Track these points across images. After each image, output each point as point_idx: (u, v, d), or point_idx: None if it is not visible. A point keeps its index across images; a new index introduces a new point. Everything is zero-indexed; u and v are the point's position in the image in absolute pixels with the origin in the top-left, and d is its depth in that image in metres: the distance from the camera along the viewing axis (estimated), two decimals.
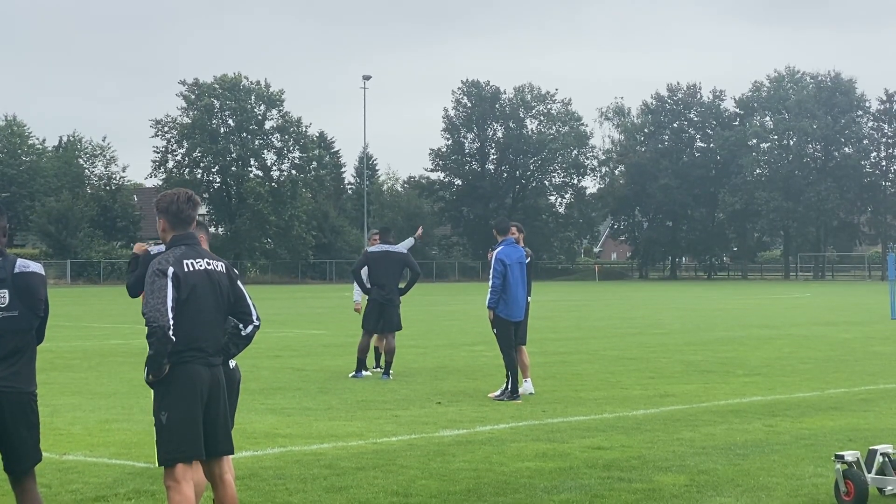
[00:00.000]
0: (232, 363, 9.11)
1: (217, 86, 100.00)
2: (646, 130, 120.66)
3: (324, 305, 49.19)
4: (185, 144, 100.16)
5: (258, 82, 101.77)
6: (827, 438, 12.32)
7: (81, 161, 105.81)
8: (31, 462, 6.94)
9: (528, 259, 16.57)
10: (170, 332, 7.07)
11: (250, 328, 7.63)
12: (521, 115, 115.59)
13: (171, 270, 7.21)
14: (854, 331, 30.63)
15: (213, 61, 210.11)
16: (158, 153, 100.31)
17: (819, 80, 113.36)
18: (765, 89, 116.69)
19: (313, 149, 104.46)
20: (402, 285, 19.32)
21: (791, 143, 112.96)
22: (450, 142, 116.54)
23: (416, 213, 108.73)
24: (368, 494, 9.46)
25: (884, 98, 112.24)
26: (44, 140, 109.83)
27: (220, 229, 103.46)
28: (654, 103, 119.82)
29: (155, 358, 7.12)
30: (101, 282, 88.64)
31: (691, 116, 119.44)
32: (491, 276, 16.13)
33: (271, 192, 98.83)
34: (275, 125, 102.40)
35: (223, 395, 7.50)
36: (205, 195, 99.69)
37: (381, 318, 18.85)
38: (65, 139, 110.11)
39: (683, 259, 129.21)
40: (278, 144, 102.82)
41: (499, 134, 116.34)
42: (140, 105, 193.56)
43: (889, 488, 9.28)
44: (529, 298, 16.76)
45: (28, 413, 6.85)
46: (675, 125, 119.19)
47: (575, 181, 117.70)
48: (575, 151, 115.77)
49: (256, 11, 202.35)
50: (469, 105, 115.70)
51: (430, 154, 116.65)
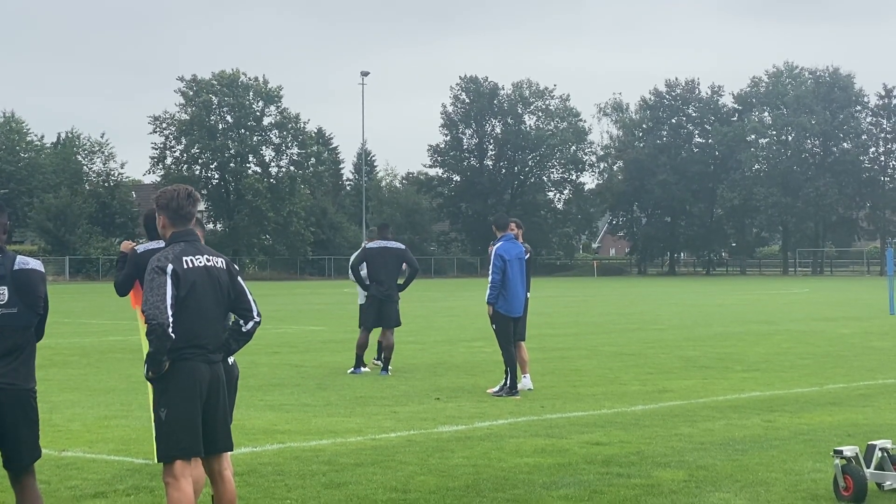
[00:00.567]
0: (230, 359, 9.11)
1: (215, 82, 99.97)
2: (644, 126, 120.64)
3: (322, 302, 49.18)
4: (184, 141, 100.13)
5: (256, 78, 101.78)
6: (826, 434, 12.33)
7: (80, 158, 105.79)
8: (31, 459, 6.93)
9: (528, 255, 16.57)
10: (169, 330, 7.06)
11: (251, 324, 7.62)
12: (520, 111, 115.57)
13: (171, 267, 7.21)
14: (853, 326, 30.64)
15: (212, 58, 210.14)
16: (157, 150, 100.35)
17: (817, 76, 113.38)
18: (763, 85, 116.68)
19: (312, 145, 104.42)
20: (401, 281, 19.31)
21: (789, 139, 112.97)
22: (448, 138, 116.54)
23: (415, 210, 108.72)
24: (367, 490, 9.46)
25: (882, 93, 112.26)
26: (42, 137, 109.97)
27: (219, 226, 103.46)
28: (653, 99, 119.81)
29: (154, 355, 7.12)
30: (100, 278, 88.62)
31: (690, 112, 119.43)
32: (490, 272, 16.13)
33: (270, 189, 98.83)
34: (273, 121, 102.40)
35: (223, 392, 7.50)
36: (203, 191, 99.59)
37: (380, 315, 18.84)
38: (63, 136, 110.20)
39: (682, 255, 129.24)
40: (277, 141, 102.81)
41: (497, 130, 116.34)
42: (138, 101, 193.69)
43: (888, 483, 9.28)
44: (529, 294, 16.76)
45: (27, 410, 6.85)
46: (674, 121, 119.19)
47: (573, 177, 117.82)
48: (573, 147, 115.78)
49: (255, 8, 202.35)
50: (467, 101, 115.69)
51: (429, 150, 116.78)
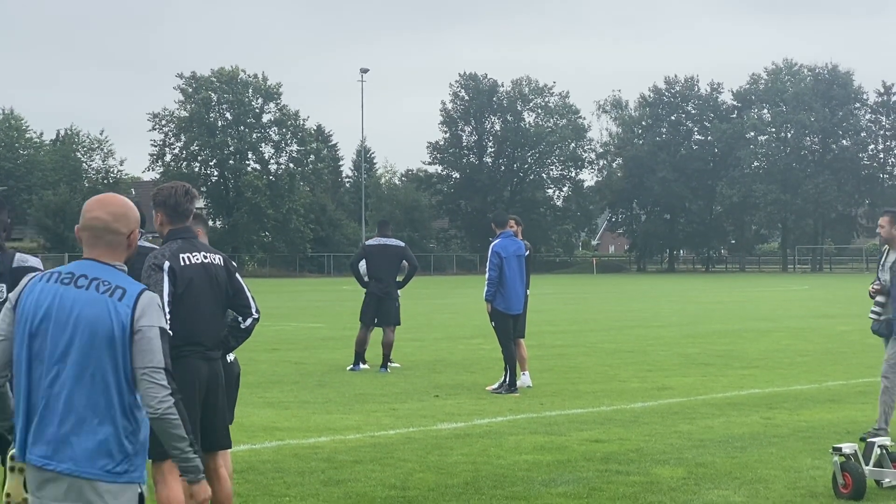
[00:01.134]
0: (231, 357, 9.11)
1: (214, 79, 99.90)
2: (643, 123, 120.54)
3: (322, 299, 49.19)
4: (183, 138, 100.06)
5: (255, 75, 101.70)
6: (825, 431, 12.34)
7: (79, 154, 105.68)
8: None
9: (527, 252, 16.58)
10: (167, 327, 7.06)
11: (249, 321, 7.63)
12: (519, 108, 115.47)
13: (167, 264, 7.21)
14: (852, 323, 30.61)
15: (211, 54, 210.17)
16: (156, 147, 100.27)
17: (816, 73, 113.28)
18: (762, 82, 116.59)
19: (311, 142, 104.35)
20: (400, 279, 19.31)
21: (789, 136, 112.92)
22: (447, 135, 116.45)
23: (414, 207, 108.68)
24: (366, 488, 9.46)
25: (881, 90, 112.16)
26: (41, 133, 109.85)
27: (218, 223, 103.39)
28: (652, 96, 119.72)
29: None
30: None
31: (689, 109, 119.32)
32: (488, 269, 16.15)
33: (269, 186, 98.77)
34: (272, 118, 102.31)
35: (221, 390, 7.49)
36: (202, 189, 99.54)
37: (379, 312, 18.85)
38: (62, 132, 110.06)
39: (681, 252, 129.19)
40: (276, 138, 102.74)
41: (496, 127, 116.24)
42: (137, 98, 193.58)
43: (887, 480, 9.29)
44: (528, 291, 16.76)
45: None
46: (673, 118, 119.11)
47: (573, 174, 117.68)
48: (573, 144, 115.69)
49: (254, 5, 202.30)
50: (467, 98, 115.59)
51: (428, 147, 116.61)
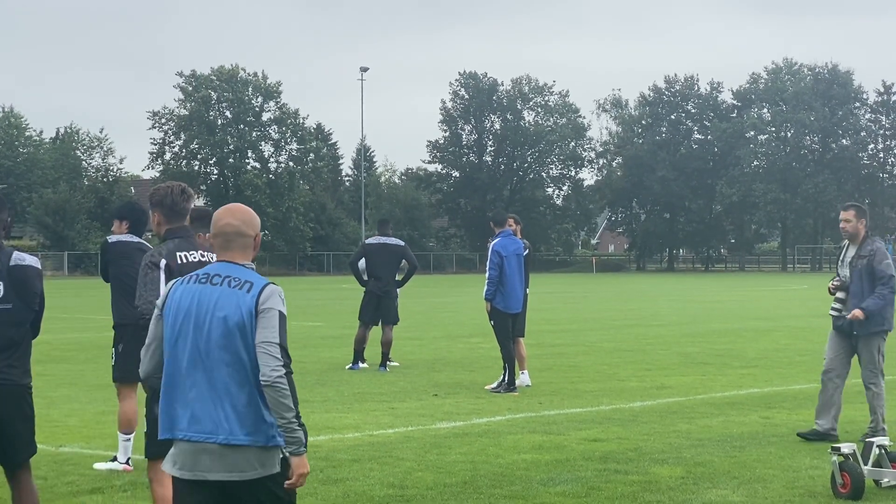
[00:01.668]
0: None
1: (214, 77, 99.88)
2: (643, 122, 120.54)
3: (321, 297, 49.18)
4: (183, 136, 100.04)
5: (255, 74, 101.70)
6: None
7: (79, 153, 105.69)
8: (26, 454, 6.93)
9: (527, 251, 16.57)
10: None
11: None
12: (519, 107, 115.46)
13: (164, 262, 7.21)
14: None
15: (211, 53, 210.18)
16: (156, 145, 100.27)
17: (816, 72, 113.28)
18: (762, 81, 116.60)
19: (311, 141, 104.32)
20: (400, 278, 19.29)
21: (788, 135, 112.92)
22: (447, 134, 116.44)
23: (414, 206, 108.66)
24: (364, 486, 9.46)
25: (881, 90, 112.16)
26: (41, 132, 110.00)
27: None
28: (652, 95, 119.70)
29: None
30: (99, 274, 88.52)
31: (689, 108, 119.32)
32: (487, 268, 16.15)
33: (269, 184, 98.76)
34: (272, 117, 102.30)
35: None
36: (202, 187, 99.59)
37: (378, 311, 18.84)
38: (62, 131, 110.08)
39: (681, 251, 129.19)
40: (276, 136, 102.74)
41: (496, 126, 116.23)
42: (137, 97, 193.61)
43: (885, 480, 9.28)
44: (527, 290, 16.76)
45: (23, 406, 6.84)
46: (673, 117, 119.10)
47: (572, 173, 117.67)
48: (572, 143, 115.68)
49: (254, 3, 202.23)
50: (466, 97, 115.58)
51: (428, 146, 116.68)
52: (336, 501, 8.98)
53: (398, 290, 19.25)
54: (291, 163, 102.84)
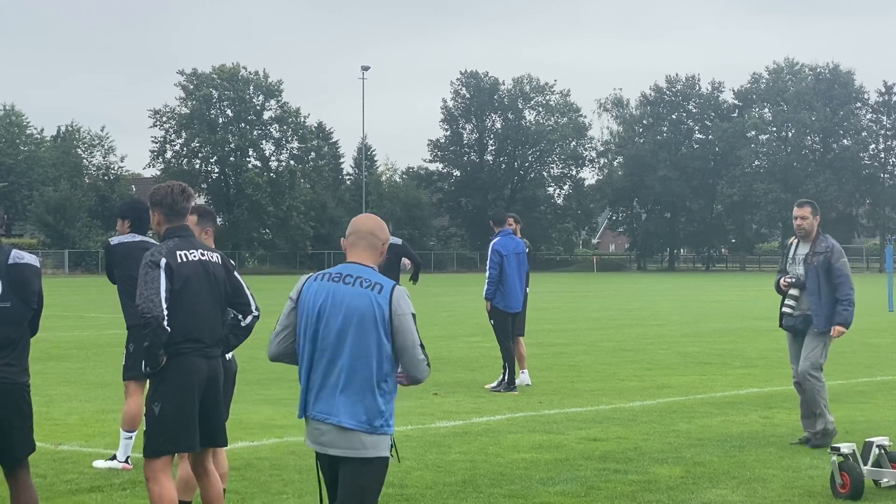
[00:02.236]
0: (228, 355, 9.09)
1: (215, 76, 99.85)
2: (644, 122, 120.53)
3: None
4: (184, 135, 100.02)
5: (256, 72, 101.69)
6: None
7: (80, 151, 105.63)
8: (24, 453, 6.92)
9: (527, 250, 16.57)
10: (164, 323, 7.06)
11: (250, 319, 7.62)
12: (520, 106, 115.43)
13: (164, 261, 7.20)
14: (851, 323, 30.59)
15: (212, 51, 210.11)
16: (157, 143, 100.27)
17: (818, 72, 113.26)
18: (763, 81, 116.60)
19: (312, 139, 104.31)
20: (409, 277, 19.20)
21: (789, 135, 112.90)
22: (448, 133, 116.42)
23: (415, 205, 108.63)
24: None
25: (882, 90, 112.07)
26: (42, 130, 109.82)
27: (219, 220, 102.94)
28: (653, 95, 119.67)
29: (151, 349, 7.12)
30: (99, 272, 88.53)
31: (690, 108, 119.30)
32: (488, 267, 16.14)
33: (270, 183, 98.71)
34: (273, 116, 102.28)
35: (220, 387, 7.49)
36: (203, 185, 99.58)
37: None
38: (63, 129, 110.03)
39: (681, 250, 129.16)
40: (277, 135, 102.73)
41: (497, 125, 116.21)
42: (138, 95, 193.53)
43: (885, 480, 9.28)
44: (528, 289, 16.75)
45: (21, 404, 6.83)
46: (674, 117, 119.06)
47: (573, 172, 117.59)
48: (573, 142, 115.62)
49: (255, 1, 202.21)
50: (468, 96, 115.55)
51: (429, 145, 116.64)
52: None
53: (416, 283, 19.19)
54: (292, 161, 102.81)
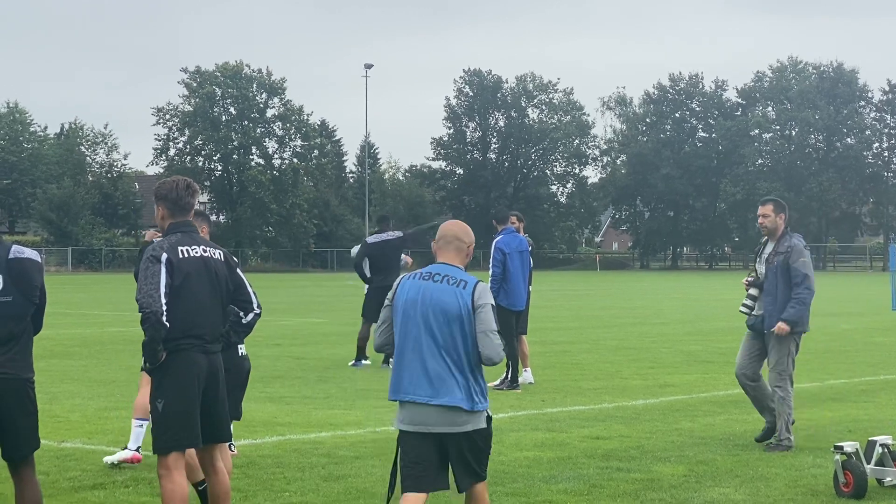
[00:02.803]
0: (242, 350, 9.08)
1: (219, 73, 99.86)
2: (648, 120, 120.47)
3: (324, 294, 49.19)
4: (187, 132, 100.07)
5: (260, 70, 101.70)
6: (826, 429, 12.31)
7: (83, 148, 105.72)
8: (29, 449, 6.91)
9: (530, 248, 16.55)
10: (163, 318, 7.03)
11: (251, 316, 7.61)
12: (523, 105, 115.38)
13: (165, 256, 7.19)
14: (854, 322, 30.61)
15: (215, 49, 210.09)
16: (160, 141, 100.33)
17: (821, 71, 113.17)
18: (767, 79, 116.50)
19: (315, 137, 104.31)
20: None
21: (793, 134, 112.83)
22: (451, 131, 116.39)
23: (418, 203, 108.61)
24: (366, 483, 9.45)
25: (886, 89, 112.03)
26: (45, 127, 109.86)
27: (222, 217, 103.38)
28: (656, 93, 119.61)
29: (150, 344, 7.10)
30: (103, 269, 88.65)
31: (693, 106, 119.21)
32: (491, 265, 16.13)
33: (273, 181, 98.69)
34: (276, 113, 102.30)
35: (222, 383, 7.47)
36: (206, 183, 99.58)
37: (381, 306, 18.80)
38: (66, 126, 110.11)
39: (685, 249, 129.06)
40: (280, 133, 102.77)
41: (500, 123, 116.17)
42: (142, 92, 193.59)
43: (888, 479, 9.26)
44: (531, 288, 16.73)
45: (25, 400, 6.82)
46: (677, 115, 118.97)
47: (576, 171, 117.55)
48: (576, 141, 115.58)
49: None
50: (471, 94, 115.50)
51: (432, 143, 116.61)
52: (338, 498, 8.97)
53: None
54: (295, 159, 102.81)
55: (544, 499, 8.98)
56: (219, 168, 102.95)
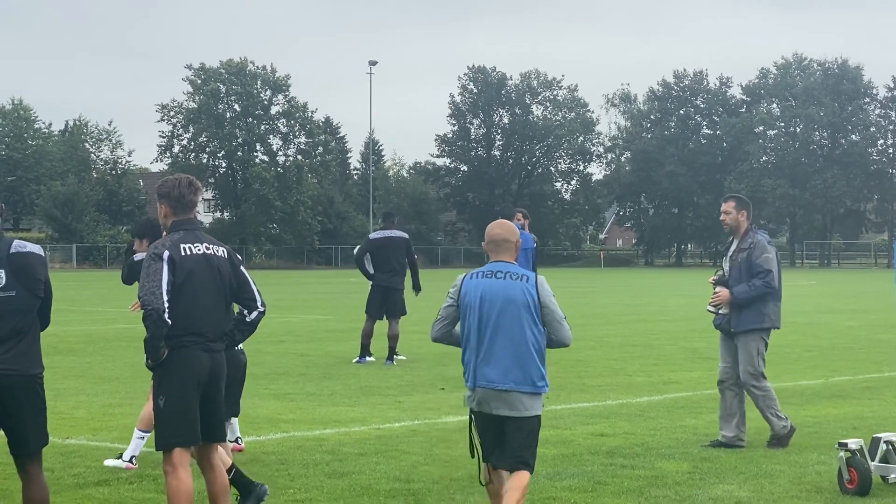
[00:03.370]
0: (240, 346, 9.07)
1: (223, 70, 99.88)
2: (652, 117, 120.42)
3: (328, 291, 49.20)
4: (191, 129, 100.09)
5: (264, 67, 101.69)
6: (831, 426, 12.31)
7: (87, 145, 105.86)
8: (38, 446, 6.87)
9: (535, 245, 16.53)
10: (164, 315, 7.02)
11: (255, 314, 7.57)
12: (528, 102, 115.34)
13: (167, 254, 7.18)
14: (859, 319, 30.58)
15: (220, 46, 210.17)
16: (164, 138, 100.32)
17: (826, 67, 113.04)
18: (772, 76, 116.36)
19: (319, 134, 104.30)
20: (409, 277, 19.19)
21: (798, 131, 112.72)
22: (456, 128, 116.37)
23: (422, 199, 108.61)
24: (370, 480, 9.45)
25: (891, 85, 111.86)
26: (50, 124, 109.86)
27: (226, 214, 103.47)
28: (661, 90, 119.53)
29: (151, 341, 7.09)
30: (107, 266, 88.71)
31: (698, 103, 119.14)
32: None
33: (277, 178, 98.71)
34: (281, 110, 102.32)
35: (222, 383, 7.47)
36: (210, 180, 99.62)
37: (385, 304, 18.83)
38: (71, 123, 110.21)
39: (689, 246, 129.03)
40: (284, 129, 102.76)
41: (505, 120, 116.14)
42: (146, 89, 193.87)
43: (892, 476, 9.25)
44: None
45: (32, 396, 6.76)
46: (682, 112, 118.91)
47: (581, 167, 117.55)
48: (581, 138, 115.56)
49: None
50: (475, 91, 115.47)
51: (436, 140, 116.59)
52: (342, 495, 8.97)
53: (419, 292, 19.15)
54: (300, 156, 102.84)
55: (548, 495, 8.98)
56: (223, 165, 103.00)
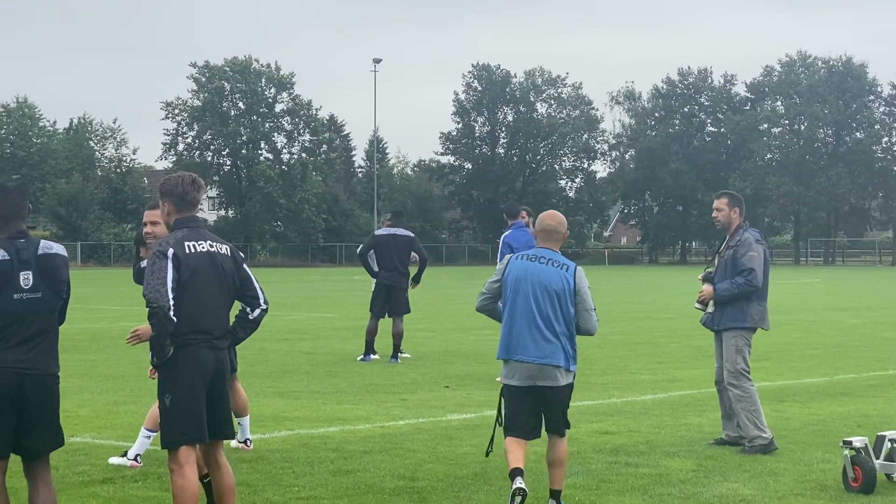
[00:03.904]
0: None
1: (228, 68, 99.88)
2: (656, 115, 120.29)
3: (333, 289, 49.21)
4: (196, 127, 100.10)
5: (269, 65, 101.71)
6: (835, 424, 12.30)
7: (92, 143, 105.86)
8: (53, 446, 6.87)
9: None
10: (170, 313, 7.03)
11: (258, 312, 7.57)
12: (532, 99, 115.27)
13: (172, 252, 7.18)
14: (864, 316, 30.56)
15: (224, 44, 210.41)
16: (169, 136, 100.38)
17: (831, 65, 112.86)
18: (776, 74, 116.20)
19: (323, 132, 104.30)
20: (413, 270, 19.18)
21: (802, 128, 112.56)
22: (460, 125, 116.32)
23: (426, 197, 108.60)
24: (375, 478, 9.46)
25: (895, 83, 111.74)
26: (54, 122, 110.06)
27: (230, 212, 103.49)
28: (665, 87, 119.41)
29: (157, 339, 7.10)
30: (112, 264, 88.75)
31: (702, 101, 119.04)
32: (498, 260, 16.10)
33: (281, 175, 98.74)
34: (285, 108, 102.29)
35: (227, 380, 7.48)
36: (215, 178, 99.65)
37: (388, 301, 18.83)
38: (75, 121, 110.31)
39: (693, 243, 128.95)
40: (288, 127, 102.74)
41: (509, 118, 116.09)
42: (151, 87, 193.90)
43: None
44: None
45: (51, 396, 6.79)
46: (686, 109, 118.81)
47: (585, 165, 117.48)
48: (585, 135, 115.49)
49: None
50: (479, 89, 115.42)
51: (441, 138, 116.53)
52: (347, 493, 8.98)
53: (416, 285, 19.16)
54: (304, 154, 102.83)
55: None
56: (227, 163, 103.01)
